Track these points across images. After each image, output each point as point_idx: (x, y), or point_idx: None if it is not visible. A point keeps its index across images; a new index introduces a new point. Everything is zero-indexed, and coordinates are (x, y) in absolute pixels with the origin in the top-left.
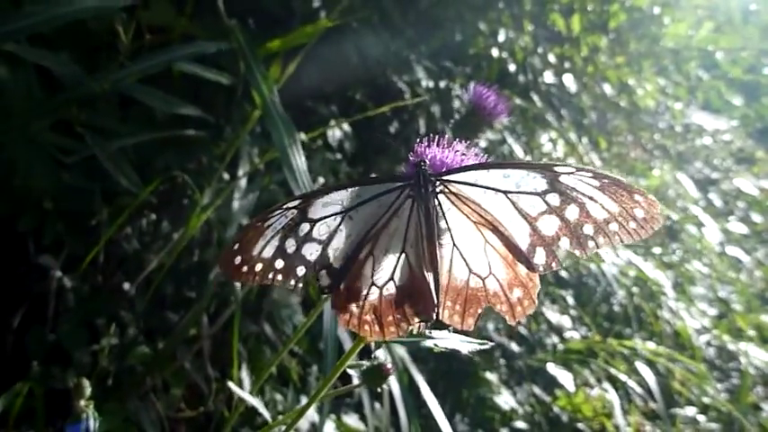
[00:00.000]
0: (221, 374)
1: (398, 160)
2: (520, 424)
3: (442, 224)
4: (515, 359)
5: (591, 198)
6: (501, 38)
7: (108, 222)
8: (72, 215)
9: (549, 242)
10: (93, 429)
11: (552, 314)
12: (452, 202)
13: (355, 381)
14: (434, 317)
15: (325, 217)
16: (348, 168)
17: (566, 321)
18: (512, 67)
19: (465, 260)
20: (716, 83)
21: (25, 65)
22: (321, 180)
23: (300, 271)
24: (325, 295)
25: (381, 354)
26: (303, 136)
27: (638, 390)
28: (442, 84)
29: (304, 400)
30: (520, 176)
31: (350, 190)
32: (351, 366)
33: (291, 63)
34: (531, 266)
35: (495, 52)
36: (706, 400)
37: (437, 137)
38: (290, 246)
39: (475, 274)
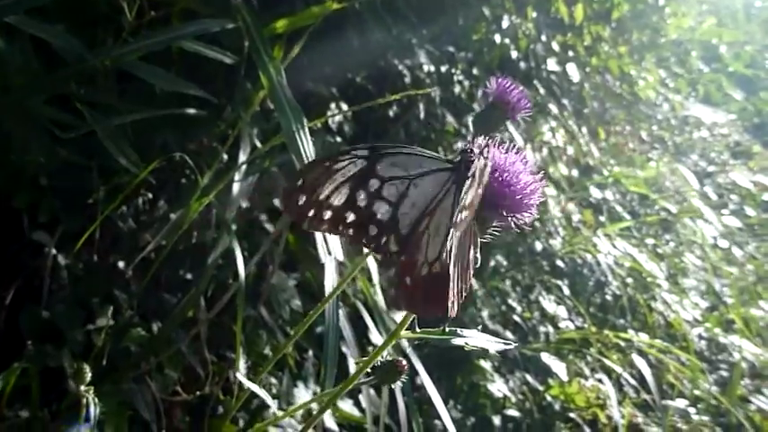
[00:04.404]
0: (217, 358)
1: (398, 143)
2: (512, 412)
3: None
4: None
5: None
6: (504, 24)
7: (105, 200)
8: (68, 192)
9: None
10: (94, 415)
11: (548, 304)
12: None
13: (352, 369)
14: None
15: (394, 178)
16: None
17: (561, 311)
18: (513, 54)
19: None
20: (716, 76)
21: (23, 37)
22: None
23: (373, 231)
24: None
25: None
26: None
27: (632, 381)
28: (444, 68)
29: (300, 385)
30: None
31: (410, 155)
32: (357, 362)
33: (296, 44)
34: None
35: (497, 38)
36: (697, 392)
37: (495, 140)
38: (362, 200)
39: None
